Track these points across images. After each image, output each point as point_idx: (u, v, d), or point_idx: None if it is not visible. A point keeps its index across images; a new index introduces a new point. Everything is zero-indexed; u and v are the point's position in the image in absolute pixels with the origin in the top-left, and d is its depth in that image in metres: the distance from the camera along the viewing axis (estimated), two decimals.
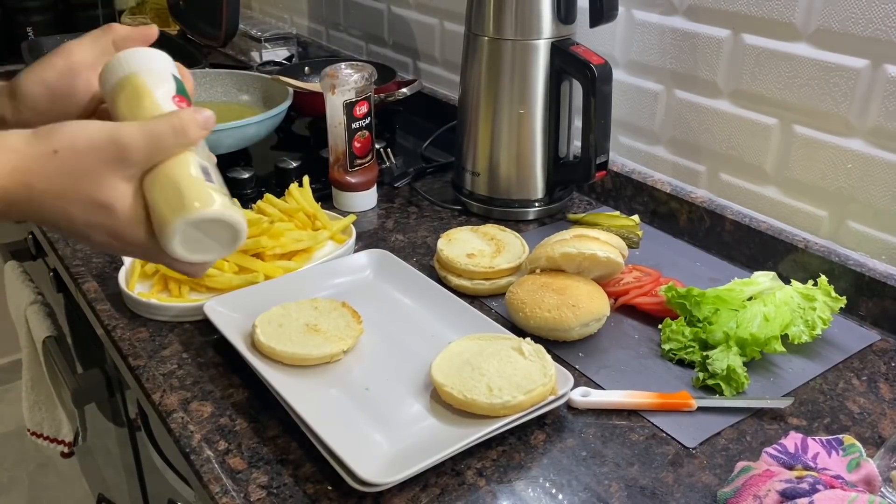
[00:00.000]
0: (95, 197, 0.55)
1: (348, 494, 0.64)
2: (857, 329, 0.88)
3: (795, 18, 0.91)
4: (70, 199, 0.55)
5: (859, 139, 0.89)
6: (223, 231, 0.59)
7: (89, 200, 0.55)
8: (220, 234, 0.59)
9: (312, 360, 0.77)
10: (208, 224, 0.57)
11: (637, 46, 1.11)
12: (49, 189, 0.54)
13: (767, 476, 0.61)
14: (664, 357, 0.82)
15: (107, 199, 0.56)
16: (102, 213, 0.56)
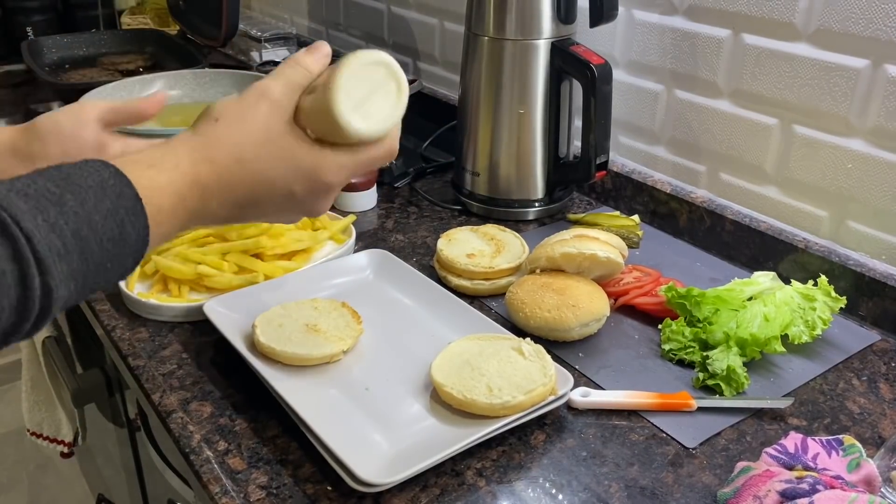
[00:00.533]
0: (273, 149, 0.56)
1: (348, 495, 0.64)
2: (857, 329, 0.88)
3: (795, 18, 0.91)
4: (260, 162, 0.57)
5: (859, 139, 0.89)
6: (383, 80, 0.57)
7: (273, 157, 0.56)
8: (381, 85, 0.57)
9: (312, 360, 0.77)
10: (364, 76, 0.56)
11: (637, 46, 1.11)
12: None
13: (767, 476, 0.61)
14: (664, 357, 0.82)
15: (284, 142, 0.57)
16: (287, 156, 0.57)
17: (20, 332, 0.46)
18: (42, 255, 0.45)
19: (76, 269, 0.47)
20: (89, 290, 0.50)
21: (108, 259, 0.49)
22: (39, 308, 0.46)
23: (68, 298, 0.48)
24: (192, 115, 0.61)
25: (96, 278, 0.49)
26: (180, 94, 1.42)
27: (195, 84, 1.43)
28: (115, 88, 1.35)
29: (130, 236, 0.50)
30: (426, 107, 1.49)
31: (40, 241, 0.45)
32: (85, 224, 0.47)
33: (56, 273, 0.45)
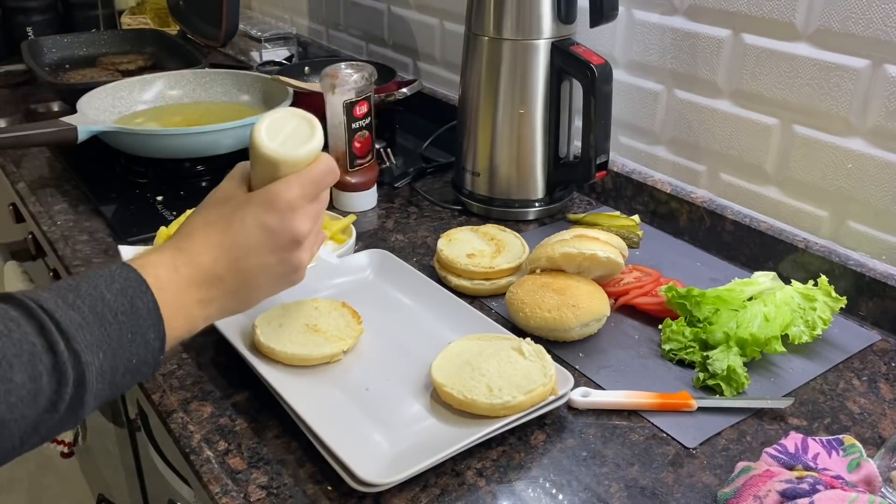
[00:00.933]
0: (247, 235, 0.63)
1: (348, 495, 0.64)
2: (857, 329, 0.88)
3: (796, 18, 0.91)
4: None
5: (860, 139, 0.89)
6: (297, 125, 0.65)
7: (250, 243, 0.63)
8: (296, 128, 0.65)
9: (312, 360, 0.77)
10: (279, 124, 0.65)
11: (637, 46, 1.11)
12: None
13: (768, 476, 0.61)
14: (664, 357, 0.82)
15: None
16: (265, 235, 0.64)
17: (63, 398, 0.52)
18: (64, 326, 0.52)
19: (99, 338, 0.54)
20: (124, 367, 0.56)
21: (128, 330, 0.55)
22: (75, 373, 0.52)
23: (101, 367, 0.54)
24: (192, 115, 0.62)
25: (124, 352, 0.55)
26: (180, 93, 1.42)
27: (195, 84, 1.43)
28: (115, 88, 1.35)
29: (141, 309, 0.57)
30: (426, 107, 1.49)
31: (62, 317, 0.52)
32: (99, 301, 0.55)
33: (80, 340, 0.52)
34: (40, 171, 1.28)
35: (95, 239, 1.06)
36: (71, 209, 1.15)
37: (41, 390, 0.50)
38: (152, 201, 1.16)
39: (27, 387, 0.49)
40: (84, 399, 0.53)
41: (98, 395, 0.54)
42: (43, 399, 0.51)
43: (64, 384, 0.51)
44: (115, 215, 1.12)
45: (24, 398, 0.49)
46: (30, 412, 0.50)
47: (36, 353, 0.50)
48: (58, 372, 0.51)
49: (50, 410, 0.51)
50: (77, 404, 0.53)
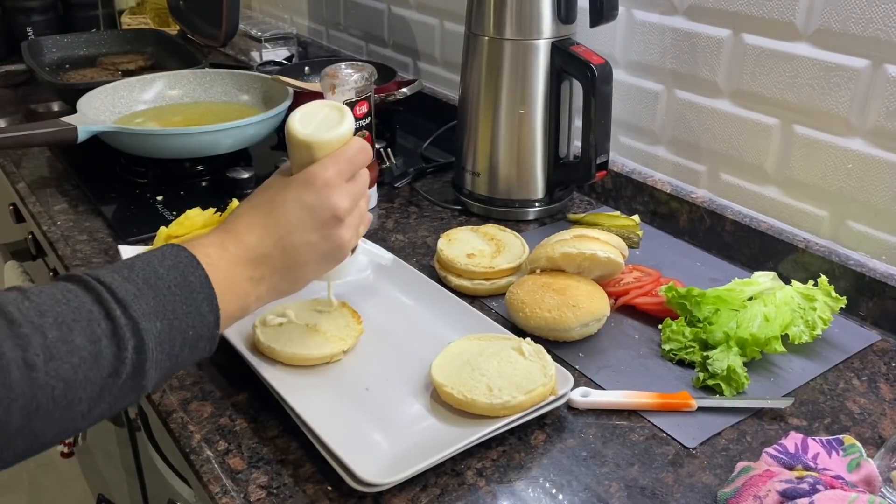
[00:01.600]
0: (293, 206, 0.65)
1: (348, 495, 0.64)
2: (857, 329, 0.88)
3: (796, 18, 0.91)
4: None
5: (860, 139, 0.89)
6: (328, 113, 0.69)
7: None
8: (327, 116, 0.69)
9: (312, 360, 0.77)
10: (311, 114, 0.69)
11: (637, 46, 1.11)
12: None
13: (768, 476, 0.61)
14: (664, 357, 0.82)
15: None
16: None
17: (124, 363, 0.53)
18: (121, 295, 0.54)
19: (154, 307, 0.55)
20: (181, 338, 0.57)
21: (182, 302, 0.57)
22: (134, 340, 0.53)
23: (159, 336, 0.55)
24: (192, 115, 0.62)
25: (180, 322, 0.57)
26: (180, 93, 1.42)
27: (195, 84, 1.43)
28: (115, 88, 1.35)
29: (194, 283, 0.58)
30: (426, 107, 1.49)
31: (118, 288, 0.54)
32: (152, 275, 0.57)
33: (136, 308, 0.54)
34: (40, 171, 1.28)
35: (95, 239, 1.06)
36: (71, 209, 1.15)
37: (101, 353, 0.52)
38: (152, 201, 1.16)
39: (88, 349, 0.51)
40: (145, 367, 0.54)
41: (159, 365, 0.56)
42: (105, 363, 0.52)
43: (123, 349, 0.53)
44: (115, 215, 1.12)
45: (86, 360, 0.51)
46: (94, 375, 0.51)
47: (94, 318, 0.52)
48: (116, 337, 0.52)
49: (113, 376, 0.52)
50: (139, 372, 0.54)
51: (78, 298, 0.53)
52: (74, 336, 0.51)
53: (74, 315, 0.52)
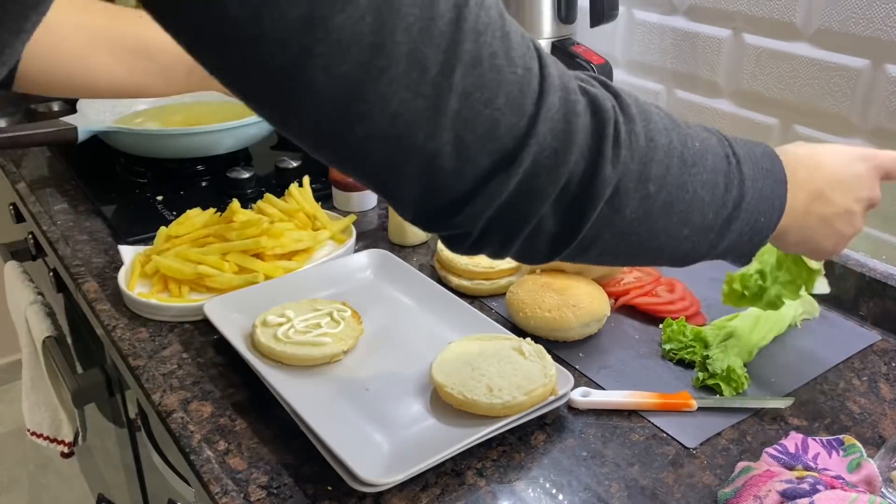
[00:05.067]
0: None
1: (348, 494, 0.64)
2: (857, 329, 0.88)
3: (796, 18, 0.91)
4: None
5: (860, 139, 0.89)
6: None
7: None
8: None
9: (313, 360, 0.77)
10: None
11: (637, 46, 1.11)
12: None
13: (768, 476, 0.61)
14: (665, 357, 0.82)
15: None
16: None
17: (726, 206, 0.54)
18: (736, 149, 0.56)
19: (752, 175, 0.56)
20: (754, 219, 0.57)
21: (767, 186, 0.57)
22: (736, 193, 0.54)
23: (752, 203, 0.56)
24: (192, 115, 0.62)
25: (760, 202, 0.57)
26: None
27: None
28: None
29: (778, 175, 0.58)
30: None
31: (733, 143, 0.56)
32: (750, 152, 0.57)
33: (746, 166, 0.55)
34: (40, 171, 1.28)
35: (95, 239, 1.06)
36: (71, 209, 1.15)
37: (717, 185, 0.53)
38: (152, 201, 1.16)
39: (711, 175, 0.52)
40: (731, 227, 0.55)
41: (738, 232, 0.56)
42: (717, 194, 0.53)
43: (728, 191, 0.54)
44: (115, 215, 1.12)
45: (709, 182, 0.52)
46: (707, 199, 0.53)
47: (718, 153, 0.54)
48: (728, 178, 0.54)
49: (715, 213, 0.53)
50: (725, 226, 0.55)
51: (701, 129, 0.55)
52: (708, 154, 0.53)
53: (705, 137, 0.54)
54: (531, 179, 0.45)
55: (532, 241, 0.49)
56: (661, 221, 0.51)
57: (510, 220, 0.47)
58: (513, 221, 0.47)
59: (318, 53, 0.38)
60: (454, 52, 0.40)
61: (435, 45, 0.40)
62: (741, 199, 0.54)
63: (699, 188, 0.52)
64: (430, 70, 0.40)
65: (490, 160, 0.44)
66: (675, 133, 0.51)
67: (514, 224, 0.48)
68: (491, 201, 0.45)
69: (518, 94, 0.44)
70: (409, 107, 0.41)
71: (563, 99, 0.45)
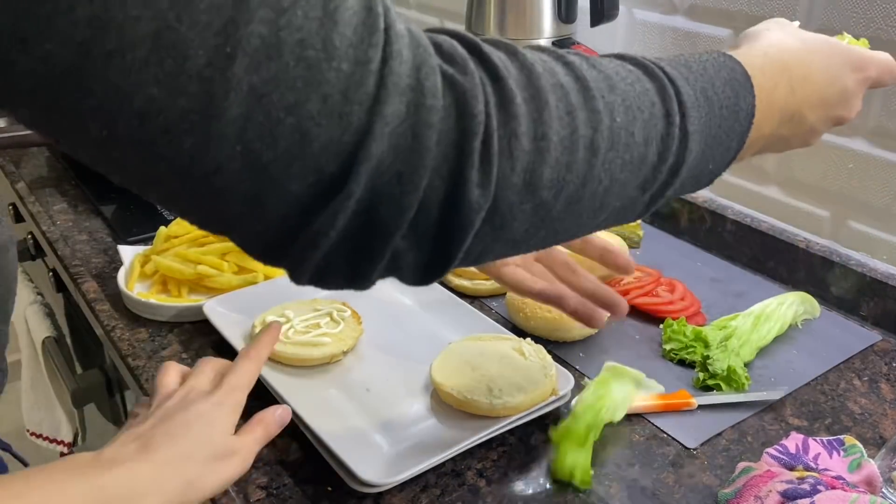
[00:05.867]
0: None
1: (348, 495, 0.64)
2: (858, 329, 0.88)
3: (796, 18, 0.91)
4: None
5: (861, 139, 0.89)
6: None
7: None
8: None
9: (312, 360, 0.77)
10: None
11: (638, 46, 1.11)
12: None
13: (768, 477, 0.61)
14: (665, 357, 0.82)
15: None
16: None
17: (657, 178, 0.45)
18: (684, 98, 0.45)
19: (701, 126, 0.46)
20: (699, 169, 0.48)
21: (723, 130, 0.48)
22: (674, 158, 0.45)
23: (691, 162, 0.46)
24: None
25: (710, 152, 0.48)
26: None
27: None
28: None
29: (742, 110, 0.49)
30: None
31: (682, 86, 0.45)
32: (709, 86, 0.47)
33: (693, 119, 0.45)
34: (40, 171, 1.28)
35: (95, 239, 1.06)
36: (70, 209, 1.15)
37: (646, 159, 0.43)
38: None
39: (639, 149, 0.43)
40: (666, 191, 0.46)
41: (675, 192, 0.48)
42: (643, 172, 0.44)
43: (663, 162, 0.44)
44: (114, 215, 1.12)
45: (633, 161, 0.43)
46: (630, 181, 0.43)
47: (655, 114, 0.43)
48: (664, 145, 0.44)
49: (641, 189, 0.44)
50: (659, 195, 0.46)
51: (641, 83, 0.44)
52: (635, 128, 0.42)
53: (639, 102, 0.43)
54: (369, 211, 0.35)
55: (395, 273, 0.40)
56: (568, 220, 0.42)
57: (353, 257, 0.37)
58: (357, 258, 0.37)
59: (18, 29, 0.28)
60: (233, 35, 0.30)
61: (200, 24, 0.30)
62: (680, 163, 0.45)
63: (617, 172, 0.42)
64: (192, 59, 0.30)
65: (302, 186, 0.33)
66: (582, 113, 0.40)
67: (360, 261, 0.37)
68: (324, 235, 0.35)
69: (341, 98, 0.32)
70: (162, 106, 0.30)
71: (411, 105, 0.34)
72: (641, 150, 0.43)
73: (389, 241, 0.36)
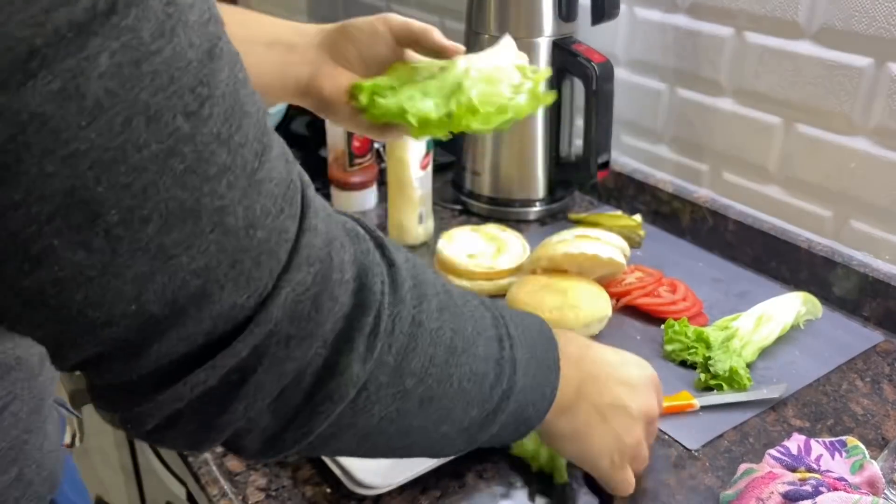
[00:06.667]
0: None
1: (347, 497, 0.64)
2: (860, 330, 0.87)
3: (799, 16, 0.91)
4: None
5: (863, 138, 0.88)
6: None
7: None
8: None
9: None
10: None
11: (639, 44, 1.10)
12: None
13: (770, 478, 0.60)
14: (666, 358, 0.82)
15: None
16: None
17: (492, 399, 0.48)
18: (512, 331, 0.50)
19: (525, 364, 0.50)
20: (521, 411, 0.51)
21: (541, 373, 0.52)
22: (507, 384, 0.48)
23: (518, 395, 0.49)
24: None
25: (531, 392, 0.51)
26: None
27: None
28: None
29: (550, 360, 0.54)
30: None
31: (510, 322, 0.50)
32: (527, 329, 0.52)
33: (519, 352, 0.49)
34: None
35: None
36: None
37: (486, 377, 0.46)
38: None
39: (482, 365, 0.46)
40: (494, 422, 0.48)
41: (501, 425, 0.50)
42: (484, 387, 0.46)
43: (497, 385, 0.47)
44: None
45: (477, 373, 0.46)
46: (474, 392, 0.46)
47: (491, 337, 0.47)
48: (499, 367, 0.47)
49: (479, 407, 0.47)
50: (490, 421, 0.48)
51: (481, 310, 0.48)
52: (480, 342, 0.46)
53: (482, 323, 0.47)
54: (249, 371, 0.34)
55: (237, 442, 0.38)
56: (417, 419, 0.43)
57: (210, 417, 0.35)
58: (213, 419, 0.35)
59: None
60: (153, 197, 0.29)
61: (118, 186, 0.28)
62: (510, 390, 0.48)
63: (465, 381, 0.44)
64: (103, 216, 0.28)
65: (193, 344, 0.33)
66: (449, 314, 0.43)
67: (214, 424, 0.36)
68: (188, 393, 0.34)
69: (252, 264, 0.32)
70: (60, 258, 0.29)
71: (318, 275, 0.35)
72: (482, 366, 0.46)
73: (255, 404, 0.35)
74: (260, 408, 0.36)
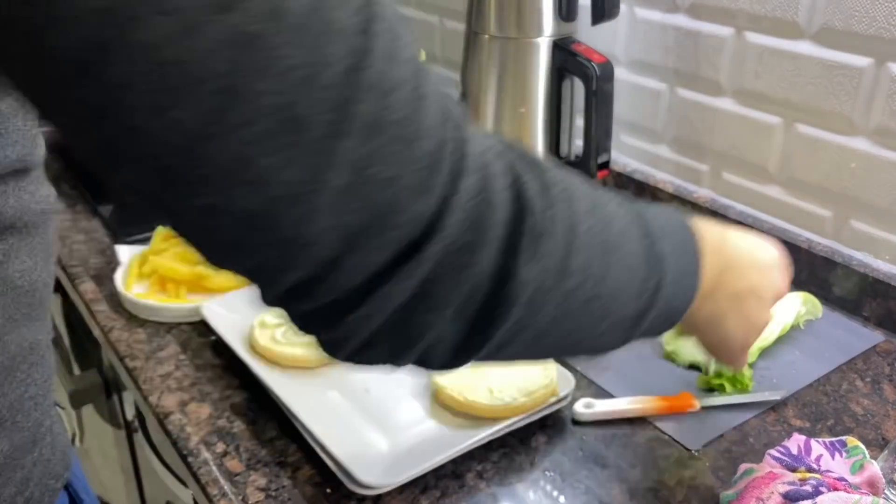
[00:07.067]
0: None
1: (347, 497, 0.64)
2: (860, 330, 0.87)
3: (799, 17, 0.90)
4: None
5: (863, 138, 0.88)
6: None
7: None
8: None
9: (312, 362, 0.76)
10: None
11: (639, 44, 1.10)
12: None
13: (770, 478, 0.60)
14: (666, 358, 0.82)
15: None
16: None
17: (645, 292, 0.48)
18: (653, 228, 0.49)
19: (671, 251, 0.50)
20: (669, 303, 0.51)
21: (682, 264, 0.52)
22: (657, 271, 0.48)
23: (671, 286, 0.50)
24: None
25: (678, 283, 0.51)
26: None
27: None
28: None
29: (692, 247, 0.53)
30: None
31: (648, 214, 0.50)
32: (666, 228, 0.51)
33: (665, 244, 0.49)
34: None
35: (93, 239, 1.05)
36: (68, 209, 1.14)
37: (638, 272, 0.47)
38: None
39: (635, 259, 0.47)
40: (646, 318, 0.49)
41: (651, 320, 0.50)
42: (637, 285, 0.47)
43: (650, 279, 0.48)
44: (112, 215, 1.11)
45: (632, 268, 0.46)
46: (630, 291, 0.47)
47: (636, 234, 0.48)
48: (648, 263, 0.48)
49: (635, 301, 0.48)
50: (645, 314, 0.49)
51: (623, 208, 0.49)
52: (630, 239, 0.47)
53: (626, 222, 0.48)
54: (434, 281, 0.36)
55: (430, 353, 0.40)
56: (583, 318, 0.45)
57: (405, 329, 0.38)
58: (408, 331, 0.38)
59: (142, 89, 0.28)
60: (345, 112, 0.31)
61: (319, 101, 0.31)
62: (660, 284, 0.49)
63: (621, 277, 0.46)
64: (308, 132, 0.31)
65: (387, 254, 0.35)
66: (599, 214, 0.45)
67: (410, 335, 0.38)
68: (385, 306, 0.36)
69: (427, 173, 0.35)
70: (274, 177, 0.31)
71: (481, 182, 0.37)
72: (634, 262, 0.47)
73: (444, 313, 0.38)
74: (446, 316, 0.38)
